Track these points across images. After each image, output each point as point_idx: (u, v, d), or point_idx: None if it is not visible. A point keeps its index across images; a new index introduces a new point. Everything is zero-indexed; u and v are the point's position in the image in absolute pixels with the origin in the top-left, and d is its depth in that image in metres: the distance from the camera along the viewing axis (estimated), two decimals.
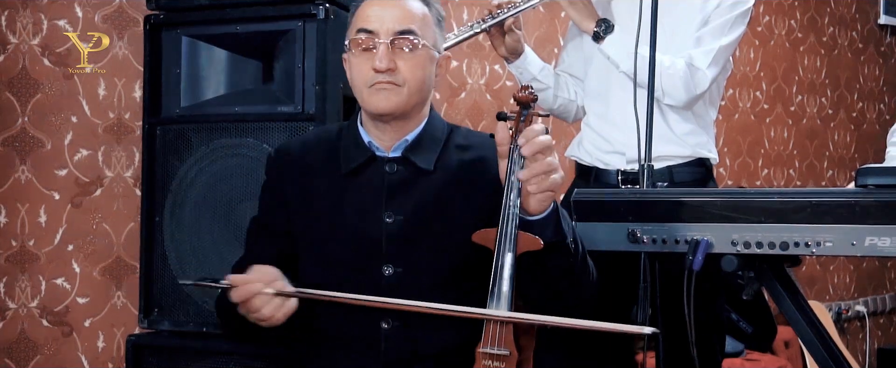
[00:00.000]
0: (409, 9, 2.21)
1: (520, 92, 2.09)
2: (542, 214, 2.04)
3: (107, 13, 3.31)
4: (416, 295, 2.09)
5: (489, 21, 2.96)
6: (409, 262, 2.17)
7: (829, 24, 6.08)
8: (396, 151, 2.23)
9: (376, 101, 2.17)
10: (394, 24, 2.17)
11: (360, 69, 2.19)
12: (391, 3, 2.20)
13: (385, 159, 2.23)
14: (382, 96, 2.17)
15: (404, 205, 2.19)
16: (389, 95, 2.17)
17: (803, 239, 2.12)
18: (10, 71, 3.14)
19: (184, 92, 2.93)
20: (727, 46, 2.98)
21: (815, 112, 6.03)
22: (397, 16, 2.18)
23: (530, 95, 2.08)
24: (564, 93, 3.19)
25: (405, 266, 2.17)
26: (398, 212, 2.18)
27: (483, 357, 2.02)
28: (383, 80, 2.16)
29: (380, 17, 2.18)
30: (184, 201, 2.89)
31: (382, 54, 2.15)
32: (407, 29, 2.18)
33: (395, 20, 2.18)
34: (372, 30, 2.17)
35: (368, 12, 2.20)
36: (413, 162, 2.21)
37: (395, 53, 2.16)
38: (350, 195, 2.22)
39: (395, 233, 2.17)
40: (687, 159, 3.04)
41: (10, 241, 3.16)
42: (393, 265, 2.17)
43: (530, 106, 2.08)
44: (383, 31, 2.17)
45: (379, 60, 2.15)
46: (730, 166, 5.44)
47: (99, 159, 3.32)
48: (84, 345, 3.31)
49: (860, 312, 6.08)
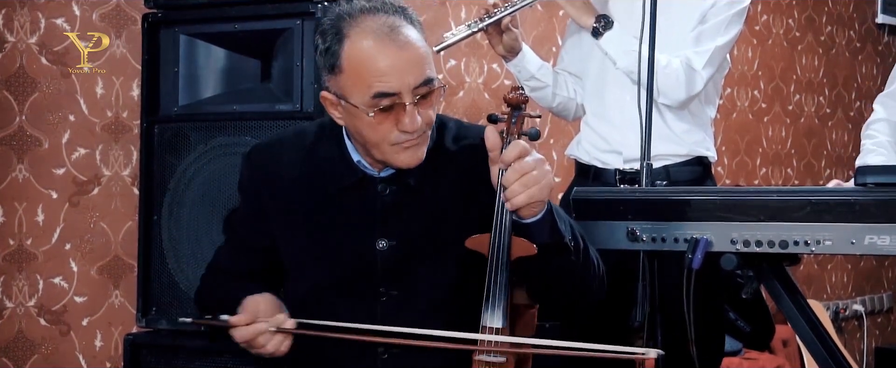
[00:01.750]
0: (419, 49, 1.98)
1: (510, 93, 2.03)
2: (536, 216, 1.97)
3: (105, 12, 3.31)
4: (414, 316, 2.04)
5: (486, 20, 2.95)
6: (406, 284, 2.10)
7: (827, 23, 6.08)
8: (388, 170, 2.10)
9: (406, 158, 2.02)
10: (413, 78, 1.95)
11: (378, 129, 1.98)
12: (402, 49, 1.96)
13: (377, 180, 2.10)
14: (410, 154, 2.01)
15: (399, 228, 2.09)
16: (418, 150, 2.02)
17: (803, 238, 2.12)
18: (8, 69, 3.13)
19: (182, 90, 2.93)
20: (723, 45, 2.98)
21: (813, 111, 6.03)
22: (415, 65, 1.96)
23: (520, 96, 2.03)
24: (563, 91, 3.19)
25: (401, 289, 2.10)
26: (392, 237, 2.09)
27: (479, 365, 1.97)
28: (414, 138, 1.99)
29: (396, 72, 1.94)
30: (182, 199, 2.89)
31: (411, 117, 1.95)
32: (427, 78, 1.97)
33: (414, 72, 1.95)
34: (394, 92, 1.95)
35: (380, 67, 1.94)
36: (407, 181, 2.09)
37: (419, 106, 1.97)
38: (340, 217, 2.11)
39: (389, 257, 2.09)
40: (684, 158, 3.04)
41: (7, 240, 3.15)
42: (388, 289, 2.10)
43: (521, 107, 2.02)
44: (405, 89, 1.95)
45: (410, 123, 1.95)
46: (728, 165, 5.44)
47: (97, 158, 3.32)
48: (82, 344, 3.31)
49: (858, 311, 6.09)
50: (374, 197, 2.11)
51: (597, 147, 3.09)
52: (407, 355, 2.08)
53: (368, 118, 1.97)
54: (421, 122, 1.98)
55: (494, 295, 1.98)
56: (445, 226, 2.09)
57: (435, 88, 2.00)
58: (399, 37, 1.97)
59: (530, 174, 1.90)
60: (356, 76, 1.97)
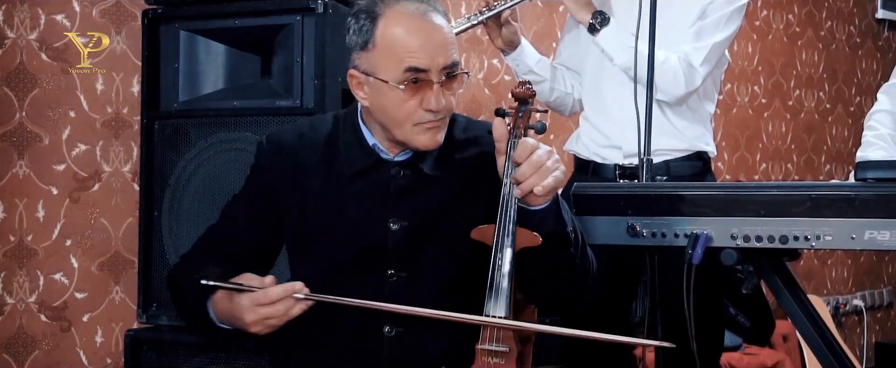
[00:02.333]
0: (449, 34, 2.10)
1: (518, 88, 2.08)
2: (543, 205, 2.02)
3: (105, 8, 3.31)
4: (421, 299, 2.07)
5: (486, 13, 2.96)
6: (414, 267, 2.14)
7: (827, 18, 6.08)
8: (403, 155, 2.18)
9: (425, 140, 2.10)
10: (442, 59, 2.06)
11: (403, 106, 2.07)
12: (433, 30, 2.07)
13: (391, 164, 2.18)
14: (431, 135, 2.10)
15: (410, 211, 2.15)
16: (437, 133, 2.11)
17: (803, 233, 2.12)
18: (8, 66, 3.13)
19: (182, 86, 2.93)
20: (722, 41, 2.98)
21: (813, 106, 6.03)
22: (444, 47, 2.07)
23: (528, 90, 2.07)
24: (561, 86, 3.19)
25: (410, 271, 2.14)
26: (404, 218, 2.15)
27: (482, 354, 2.01)
28: (436, 119, 2.08)
29: (428, 51, 2.05)
30: (182, 195, 2.89)
31: (437, 95, 2.05)
32: (454, 62, 2.08)
33: (444, 53, 2.06)
34: (424, 68, 2.05)
35: (413, 44, 2.05)
36: (419, 167, 2.16)
37: (444, 88, 2.07)
38: (353, 198, 2.17)
39: (400, 239, 2.15)
40: (684, 153, 3.04)
41: (8, 236, 3.15)
42: (397, 270, 2.14)
43: (529, 101, 2.07)
44: (434, 68, 2.05)
45: (435, 102, 2.05)
46: (728, 160, 5.44)
47: (97, 154, 3.32)
48: (82, 340, 3.31)
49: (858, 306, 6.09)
50: (388, 180, 2.17)
51: (596, 142, 3.09)
52: (412, 335, 2.12)
53: (397, 93, 2.06)
54: (444, 104, 2.07)
55: (498, 285, 2.01)
56: (455, 213, 2.15)
57: (459, 73, 2.10)
58: (432, 19, 2.08)
59: (545, 165, 1.97)
60: (389, 51, 2.06)
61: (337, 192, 2.18)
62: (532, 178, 1.96)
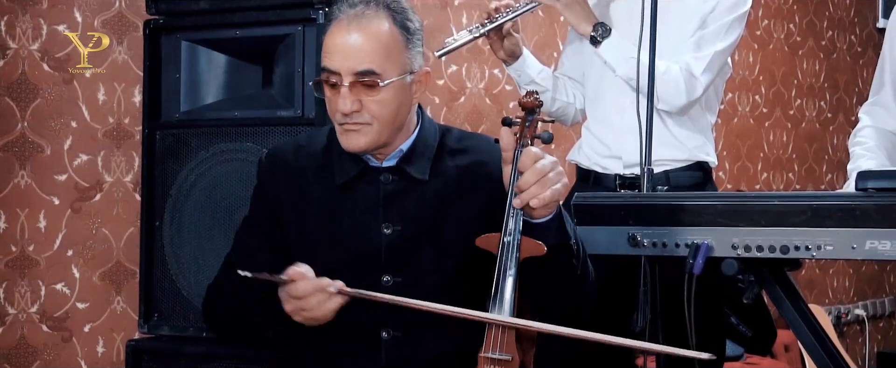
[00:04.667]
0: (371, 40, 2.10)
1: (525, 98, 2.09)
2: (547, 217, 2.03)
3: (106, 18, 3.31)
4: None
5: (488, 25, 2.96)
6: (408, 271, 2.16)
7: (828, 27, 6.09)
8: (390, 160, 2.21)
9: (345, 141, 2.15)
10: (354, 63, 2.08)
11: (330, 106, 2.15)
12: (354, 32, 2.10)
13: (379, 170, 2.21)
14: (351, 137, 2.13)
15: (401, 215, 2.17)
16: (358, 136, 2.13)
17: (804, 243, 2.12)
18: (10, 76, 3.13)
19: (183, 97, 2.93)
20: (723, 50, 2.98)
21: (815, 116, 6.03)
22: (358, 51, 2.09)
23: (535, 100, 2.08)
24: (563, 96, 3.19)
25: (404, 276, 2.16)
26: (396, 223, 2.17)
27: (485, 362, 2.01)
28: (349, 122, 2.11)
29: (341, 52, 2.10)
30: (183, 205, 2.89)
31: (344, 98, 2.09)
32: (366, 70, 2.09)
33: (356, 58, 2.09)
34: (333, 70, 2.10)
35: (330, 44, 2.12)
36: (407, 172, 2.19)
37: (360, 92, 2.10)
38: (346, 206, 2.20)
39: (393, 244, 2.16)
40: (684, 163, 3.04)
41: (9, 246, 3.15)
42: (392, 275, 2.16)
43: (535, 111, 2.08)
44: (344, 70, 2.09)
45: (341, 103, 2.10)
46: (729, 169, 5.45)
47: (98, 164, 3.32)
48: (84, 350, 3.31)
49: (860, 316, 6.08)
50: (377, 186, 2.19)
51: (597, 152, 3.10)
52: (410, 339, 2.14)
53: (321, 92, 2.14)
54: (359, 109, 2.10)
55: (502, 293, 2.01)
56: (446, 218, 2.17)
57: (377, 83, 2.09)
58: (360, 22, 2.10)
59: (547, 176, 1.97)
60: (321, 52, 2.15)
61: (332, 202, 2.20)
62: (533, 188, 1.97)
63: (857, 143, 2.93)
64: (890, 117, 2.93)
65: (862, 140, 2.92)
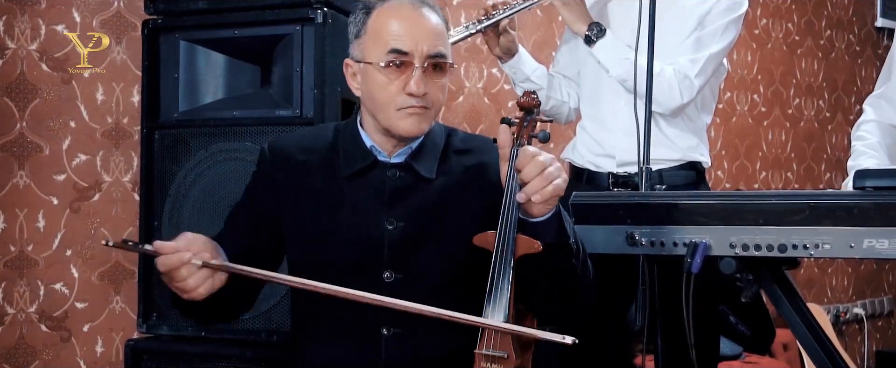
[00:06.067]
0: (437, 26, 2.17)
1: (523, 97, 2.11)
2: (545, 216, 2.03)
3: (105, 18, 3.31)
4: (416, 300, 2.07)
5: (485, 22, 2.97)
6: (410, 268, 2.16)
7: (827, 27, 6.09)
8: (399, 157, 2.21)
9: (407, 125, 2.15)
10: (427, 47, 2.13)
11: (387, 90, 2.14)
12: (420, 19, 2.15)
13: (387, 165, 2.21)
14: (414, 121, 2.14)
15: (405, 211, 2.18)
16: (421, 121, 2.15)
17: (802, 241, 2.12)
18: (8, 76, 3.13)
19: (182, 96, 2.93)
20: (718, 52, 2.98)
21: (813, 115, 6.04)
22: (429, 36, 2.14)
23: (533, 100, 2.10)
24: (557, 94, 3.20)
25: (405, 272, 2.16)
26: (400, 219, 2.17)
27: (481, 359, 2.02)
28: (417, 105, 2.13)
29: (413, 36, 2.13)
30: (182, 205, 2.89)
31: (418, 80, 2.11)
32: (440, 52, 2.14)
33: (428, 41, 2.13)
34: (406, 51, 2.12)
35: (398, 29, 2.14)
36: (415, 169, 2.20)
37: (427, 76, 2.13)
38: (349, 199, 2.20)
39: (396, 239, 2.17)
40: (677, 163, 3.04)
41: (8, 246, 3.16)
42: (393, 271, 2.16)
43: (533, 111, 2.09)
44: (418, 53, 2.12)
45: (415, 86, 2.11)
46: (728, 168, 5.45)
47: (97, 164, 3.32)
48: (83, 350, 3.31)
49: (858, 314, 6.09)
50: (384, 180, 2.20)
51: (591, 151, 3.10)
52: (411, 336, 2.14)
53: (381, 75, 2.13)
54: (426, 91, 2.12)
55: (497, 291, 2.01)
56: (450, 216, 2.17)
57: (446, 63, 2.16)
58: (420, 10, 2.17)
59: (546, 172, 1.98)
60: (376, 36, 2.15)
61: (335, 194, 2.20)
62: (534, 182, 1.97)
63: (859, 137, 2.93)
64: (893, 111, 2.93)
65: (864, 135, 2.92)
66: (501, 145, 2.04)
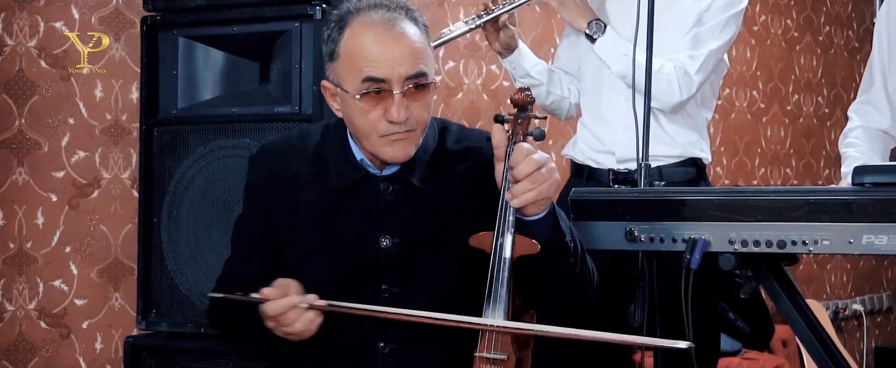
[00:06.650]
0: (416, 43, 2.05)
1: (517, 94, 2.06)
2: (540, 214, 2.01)
3: (104, 14, 3.31)
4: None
5: (484, 17, 2.96)
6: (407, 282, 2.12)
7: (825, 23, 6.09)
8: (390, 169, 2.15)
9: (393, 152, 2.07)
10: (406, 69, 2.01)
11: (367, 118, 2.04)
12: (395, 39, 2.03)
13: (379, 178, 2.14)
14: (399, 148, 2.06)
15: (401, 226, 2.13)
16: (407, 145, 2.07)
17: (800, 237, 2.12)
18: (7, 73, 3.13)
19: (181, 93, 2.93)
20: (717, 49, 2.98)
21: (812, 111, 6.04)
22: (407, 57, 2.02)
23: (527, 97, 2.05)
24: (557, 90, 3.20)
25: (403, 286, 2.12)
26: (395, 234, 2.12)
27: (480, 362, 1.99)
28: (400, 131, 2.04)
29: (388, 60, 2.01)
30: (181, 202, 2.89)
31: (399, 106, 2.01)
32: (420, 72, 2.03)
33: (406, 63, 2.02)
34: (383, 78, 2.01)
35: (372, 53, 2.02)
36: (408, 181, 2.14)
37: (409, 98, 2.03)
38: (343, 214, 2.14)
39: (392, 255, 2.12)
40: (677, 159, 3.04)
41: (7, 243, 3.15)
42: (390, 286, 2.12)
43: (527, 108, 2.05)
44: (395, 78, 2.01)
45: (397, 113, 2.01)
46: (727, 165, 5.45)
47: (96, 161, 3.32)
48: (82, 347, 3.31)
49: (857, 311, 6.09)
50: (377, 195, 2.14)
51: (591, 147, 3.10)
52: (407, 350, 2.11)
53: (358, 104, 2.03)
54: (408, 116, 2.03)
55: (496, 292, 1.99)
56: (447, 225, 2.12)
57: (427, 82, 2.05)
58: (395, 28, 2.04)
59: (539, 172, 1.94)
60: (350, 62, 2.04)
61: (328, 207, 2.15)
62: (526, 182, 1.94)
63: (849, 144, 2.92)
64: (880, 115, 2.91)
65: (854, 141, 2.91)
66: (496, 146, 1.99)
